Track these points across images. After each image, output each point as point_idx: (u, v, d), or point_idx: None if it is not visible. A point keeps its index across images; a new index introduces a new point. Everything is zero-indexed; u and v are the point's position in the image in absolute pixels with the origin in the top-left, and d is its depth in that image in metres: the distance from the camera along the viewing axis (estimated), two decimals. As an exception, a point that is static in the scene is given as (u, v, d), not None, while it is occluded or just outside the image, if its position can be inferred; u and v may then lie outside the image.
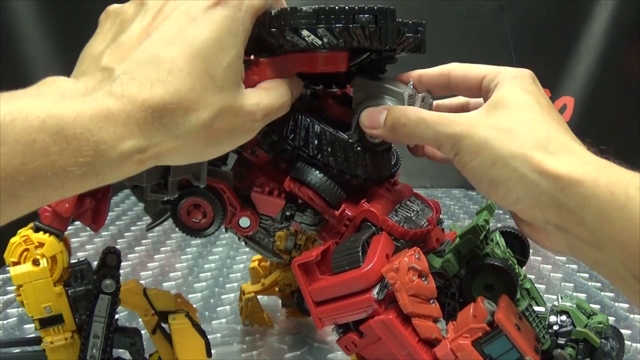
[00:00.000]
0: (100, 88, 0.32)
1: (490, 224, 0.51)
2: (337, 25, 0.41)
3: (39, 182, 0.28)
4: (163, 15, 0.36)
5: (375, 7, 0.41)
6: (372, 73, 0.49)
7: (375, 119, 0.45)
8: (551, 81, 1.57)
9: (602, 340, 0.49)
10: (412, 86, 0.46)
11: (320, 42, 0.41)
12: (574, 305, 0.52)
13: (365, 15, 0.41)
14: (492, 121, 0.41)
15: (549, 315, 0.51)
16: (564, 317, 0.51)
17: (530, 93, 0.43)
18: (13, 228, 0.54)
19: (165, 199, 0.51)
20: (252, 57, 0.43)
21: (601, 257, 0.36)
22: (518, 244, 0.54)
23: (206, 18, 0.36)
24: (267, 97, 0.41)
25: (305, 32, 0.41)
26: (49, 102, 0.29)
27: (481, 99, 0.47)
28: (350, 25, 0.41)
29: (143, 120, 0.32)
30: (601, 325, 0.50)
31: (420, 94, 0.47)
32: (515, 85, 0.43)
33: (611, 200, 0.35)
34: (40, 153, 0.28)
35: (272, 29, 0.41)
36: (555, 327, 0.51)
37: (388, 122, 0.44)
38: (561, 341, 0.50)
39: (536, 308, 0.50)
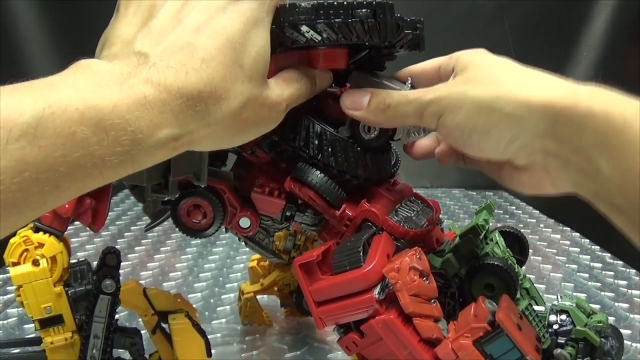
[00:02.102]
0: (137, 74, 0.32)
1: (490, 224, 0.51)
2: (336, 20, 0.41)
3: (79, 172, 0.29)
4: (192, 3, 0.36)
5: (374, 2, 0.41)
6: (370, 70, 0.49)
7: (357, 100, 0.45)
8: (551, 81, 1.58)
9: (602, 339, 0.49)
10: (410, 84, 0.46)
11: (319, 38, 0.42)
12: (574, 305, 0.52)
13: (364, 10, 0.41)
14: (464, 78, 0.41)
15: (549, 315, 0.51)
16: (563, 317, 0.51)
17: (493, 56, 0.43)
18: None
19: (166, 199, 0.51)
20: None
21: (601, 188, 0.35)
22: (517, 244, 0.54)
23: (234, 9, 0.37)
24: (289, 87, 0.41)
25: (304, 28, 0.41)
26: (86, 92, 0.29)
27: None
28: (349, 20, 0.41)
29: (178, 108, 0.32)
30: (601, 324, 0.50)
31: None
32: (475, 53, 0.44)
33: (607, 124, 0.33)
34: (80, 144, 0.28)
35: (272, 26, 0.41)
36: (555, 327, 0.51)
37: (372, 104, 0.44)
38: (561, 340, 0.50)
39: (536, 307, 0.50)
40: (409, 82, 0.47)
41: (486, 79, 0.40)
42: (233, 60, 0.35)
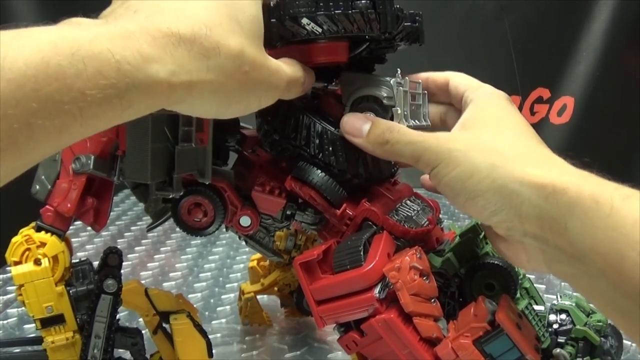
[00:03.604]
0: (122, 17, 0.31)
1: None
2: (336, 11, 0.41)
3: (54, 107, 0.26)
4: None
5: None
6: (366, 67, 0.50)
7: (357, 128, 0.44)
8: (551, 81, 1.58)
9: (602, 338, 0.50)
10: (399, 75, 0.46)
11: (320, 30, 0.42)
12: (574, 304, 0.52)
13: (364, 1, 0.41)
14: (469, 136, 0.42)
15: (549, 314, 0.52)
16: (563, 316, 0.51)
17: (507, 111, 0.43)
18: (15, 227, 0.54)
19: (170, 196, 0.51)
20: None
21: (581, 269, 0.35)
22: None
23: None
24: (287, 67, 0.41)
25: (305, 20, 0.41)
26: (62, 29, 0.27)
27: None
28: (350, 11, 0.41)
29: (171, 45, 0.31)
30: (600, 324, 0.50)
31: (408, 80, 0.48)
32: (490, 103, 0.44)
33: (596, 209, 0.34)
34: (55, 76, 0.26)
35: (272, 20, 0.41)
36: (555, 326, 0.51)
37: (371, 136, 0.44)
38: (561, 340, 0.50)
39: (535, 307, 0.50)
40: (399, 73, 0.46)
41: (491, 144, 0.40)
42: (228, 14, 0.35)
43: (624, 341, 0.53)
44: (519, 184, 0.37)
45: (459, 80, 0.48)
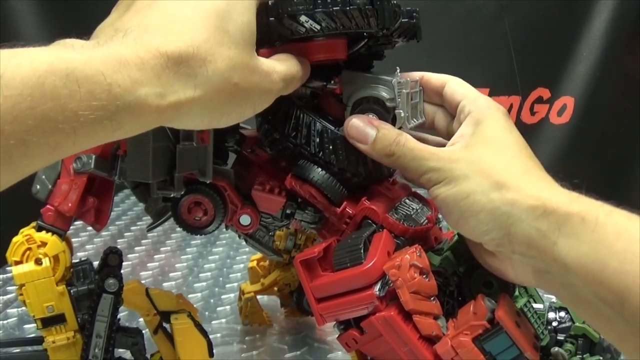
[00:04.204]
0: (112, 40, 0.31)
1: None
2: (334, 8, 0.41)
3: (49, 126, 0.27)
4: None
5: None
6: (365, 64, 0.50)
7: (363, 134, 0.45)
8: (551, 81, 1.58)
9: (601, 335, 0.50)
10: (399, 74, 0.47)
11: (318, 27, 0.42)
12: (573, 302, 0.52)
13: None
14: (470, 157, 0.43)
15: (548, 312, 0.52)
16: (562, 314, 0.51)
17: (506, 129, 0.44)
18: (15, 227, 0.55)
19: (171, 195, 0.51)
20: None
21: (567, 281, 0.37)
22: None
23: None
24: (281, 65, 0.41)
25: (303, 18, 0.42)
26: (57, 50, 0.29)
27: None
28: (348, 8, 0.42)
29: (159, 67, 0.31)
30: (600, 322, 0.50)
31: (409, 80, 0.48)
32: (490, 119, 0.45)
33: (582, 226, 0.36)
34: (50, 96, 0.27)
35: (270, 18, 0.41)
36: (554, 324, 0.51)
37: (377, 145, 0.44)
38: (560, 337, 0.50)
39: (534, 305, 0.50)
40: (398, 71, 0.47)
41: (489, 165, 0.41)
42: (217, 25, 0.35)
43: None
44: (510, 206, 0.39)
45: (455, 87, 0.49)
